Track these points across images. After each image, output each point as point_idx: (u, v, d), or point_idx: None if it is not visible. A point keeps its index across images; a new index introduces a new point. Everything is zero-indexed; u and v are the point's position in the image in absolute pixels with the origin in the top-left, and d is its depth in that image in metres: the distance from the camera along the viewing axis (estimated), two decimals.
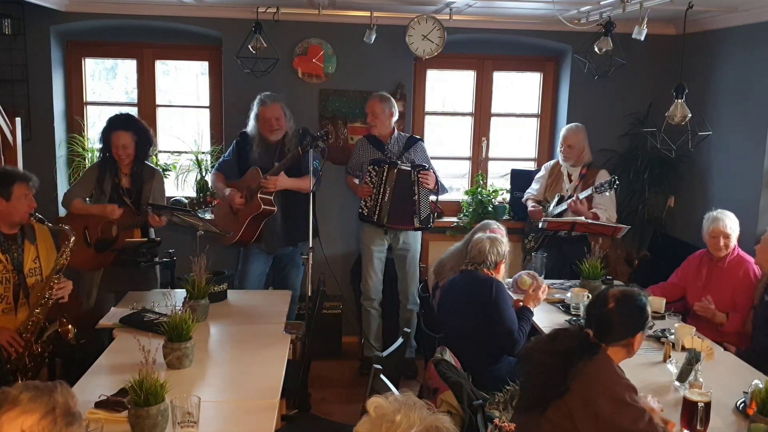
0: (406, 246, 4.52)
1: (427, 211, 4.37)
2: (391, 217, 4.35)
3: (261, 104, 4.22)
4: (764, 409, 2.27)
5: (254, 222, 4.13)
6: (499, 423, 2.59)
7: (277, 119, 4.20)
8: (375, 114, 4.41)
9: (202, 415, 2.20)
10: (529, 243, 4.66)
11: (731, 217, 3.72)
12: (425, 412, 1.43)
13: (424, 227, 4.42)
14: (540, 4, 4.26)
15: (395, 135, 4.50)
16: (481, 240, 3.41)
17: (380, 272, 4.61)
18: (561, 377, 2.16)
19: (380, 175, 4.34)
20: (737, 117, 4.36)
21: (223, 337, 3.17)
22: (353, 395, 4.23)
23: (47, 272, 3.28)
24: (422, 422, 1.40)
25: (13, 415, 1.43)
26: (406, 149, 4.45)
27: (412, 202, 4.32)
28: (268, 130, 4.21)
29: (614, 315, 2.28)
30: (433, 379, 2.62)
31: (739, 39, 4.35)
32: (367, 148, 4.50)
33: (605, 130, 5.01)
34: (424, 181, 4.30)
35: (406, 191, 4.31)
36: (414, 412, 1.41)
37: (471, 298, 3.29)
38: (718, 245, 3.71)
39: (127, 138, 3.90)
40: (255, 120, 4.25)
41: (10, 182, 3.15)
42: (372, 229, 4.49)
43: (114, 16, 4.71)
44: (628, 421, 2.12)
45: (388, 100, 4.44)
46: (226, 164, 4.39)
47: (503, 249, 3.41)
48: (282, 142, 4.24)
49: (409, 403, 1.44)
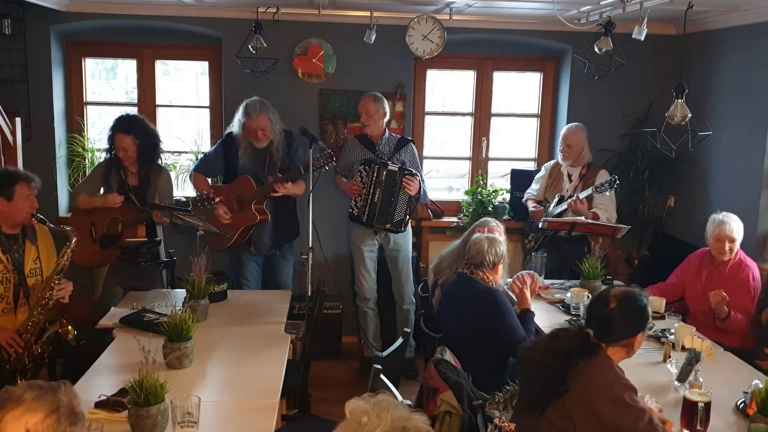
0: (397, 246, 4.52)
1: (401, 215, 4.36)
2: (379, 217, 4.36)
3: (246, 116, 4.14)
4: (764, 409, 2.27)
5: (246, 230, 4.16)
6: (499, 423, 2.59)
7: (263, 130, 4.16)
8: (369, 113, 4.41)
9: (202, 415, 2.20)
10: (529, 243, 4.66)
11: (736, 220, 3.65)
12: (400, 412, 1.40)
13: (394, 230, 4.39)
14: (540, 4, 4.26)
15: (386, 136, 4.51)
16: (480, 240, 3.37)
17: (373, 272, 4.60)
18: (560, 377, 2.16)
19: (371, 176, 4.34)
20: (737, 117, 4.36)
21: (223, 337, 3.17)
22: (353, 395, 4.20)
23: (48, 273, 3.28)
24: (392, 422, 1.37)
25: (17, 414, 1.44)
26: (397, 150, 4.45)
27: (390, 203, 4.32)
28: (255, 140, 4.20)
29: (615, 315, 2.27)
30: (433, 379, 2.62)
31: (739, 39, 4.35)
32: (358, 148, 4.51)
33: (605, 130, 5.01)
34: (407, 187, 4.29)
35: (390, 191, 4.32)
36: (387, 412, 1.39)
37: (472, 310, 3.21)
38: (723, 249, 3.63)
39: (127, 141, 3.91)
40: (240, 128, 4.21)
41: (13, 182, 3.16)
42: (361, 229, 4.49)
43: (114, 16, 4.71)
44: (628, 421, 2.12)
45: (381, 100, 4.45)
46: (209, 163, 4.37)
47: (501, 249, 3.37)
48: (269, 149, 4.23)
49: (383, 404, 1.41)
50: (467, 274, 3.33)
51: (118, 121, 3.98)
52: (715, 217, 3.70)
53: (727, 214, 3.68)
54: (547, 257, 4.23)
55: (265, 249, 4.32)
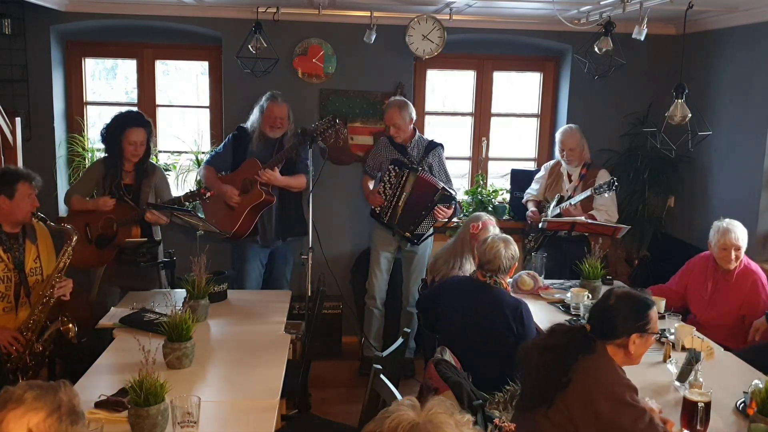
0: (416, 249, 4.49)
1: (425, 230, 4.36)
2: (401, 222, 4.35)
3: (272, 99, 4.26)
4: (764, 409, 2.27)
5: (253, 212, 4.14)
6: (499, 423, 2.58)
7: (282, 119, 4.25)
8: (398, 126, 4.37)
9: (202, 415, 2.20)
10: (529, 243, 4.66)
11: (740, 227, 3.58)
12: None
13: (413, 240, 4.38)
14: (540, 4, 4.26)
15: (416, 138, 4.48)
16: (495, 243, 3.18)
17: (386, 272, 4.60)
18: (561, 369, 2.16)
19: (399, 178, 4.32)
20: (737, 117, 4.36)
21: (223, 337, 3.17)
22: (353, 395, 4.23)
23: (48, 272, 3.28)
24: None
25: (19, 413, 1.44)
26: (426, 154, 4.43)
27: (419, 215, 4.30)
28: (269, 126, 4.24)
29: (611, 310, 2.29)
30: (433, 379, 2.62)
31: (739, 39, 4.35)
32: (388, 148, 4.49)
33: (605, 130, 5.01)
34: (438, 213, 4.26)
35: (420, 202, 4.27)
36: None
37: (496, 323, 3.10)
38: (729, 258, 3.55)
39: (142, 135, 3.92)
40: (260, 113, 4.27)
41: (15, 181, 3.16)
42: (384, 232, 4.48)
43: (114, 16, 4.71)
44: (629, 421, 2.12)
45: (407, 106, 4.40)
46: (219, 157, 4.40)
47: (516, 250, 3.24)
48: (281, 141, 4.27)
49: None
50: (490, 283, 3.19)
51: (128, 116, 3.97)
52: (719, 224, 3.62)
53: (730, 222, 3.61)
54: (547, 257, 4.23)
55: (270, 238, 4.31)
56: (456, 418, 1.36)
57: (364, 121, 4.91)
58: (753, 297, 3.56)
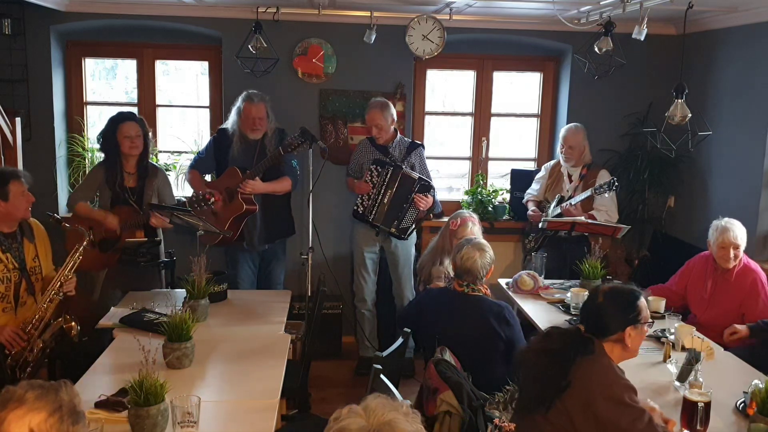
0: (399, 250, 4.50)
1: (408, 223, 4.36)
2: (386, 219, 4.35)
3: (247, 100, 4.19)
4: (764, 409, 2.27)
5: (236, 222, 4.12)
6: (499, 423, 2.59)
7: (260, 119, 4.19)
8: (380, 127, 4.38)
9: (202, 415, 2.20)
10: (529, 243, 4.66)
11: (739, 225, 3.57)
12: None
13: (398, 236, 4.38)
14: (540, 4, 4.26)
15: (397, 138, 4.49)
16: (469, 252, 3.13)
17: (373, 273, 4.60)
18: (560, 373, 2.16)
19: (382, 176, 4.33)
20: (737, 117, 4.36)
21: (223, 337, 3.17)
22: (353, 395, 4.19)
23: (46, 271, 3.28)
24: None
25: (20, 413, 1.44)
26: (408, 154, 4.44)
27: (401, 209, 4.31)
28: (249, 128, 4.20)
29: (601, 308, 2.29)
30: (433, 379, 2.62)
31: (739, 39, 4.35)
32: (369, 150, 4.50)
33: (605, 130, 5.01)
34: (419, 202, 4.27)
35: (402, 197, 4.30)
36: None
37: (484, 333, 3.07)
38: (728, 256, 3.54)
39: (136, 128, 3.90)
40: (237, 115, 4.23)
41: (5, 182, 3.16)
42: (365, 230, 4.48)
43: (114, 16, 4.71)
44: (627, 421, 2.12)
45: (387, 107, 4.41)
46: (202, 161, 4.38)
47: (491, 255, 3.20)
48: (262, 142, 4.23)
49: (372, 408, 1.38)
50: (468, 292, 3.14)
51: (119, 114, 3.97)
52: (718, 223, 3.62)
53: (729, 220, 3.60)
54: (547, 257, 4.22)
55: (257, 243, 4.29)
56: (403, 411, 1.37)
57: (363, 121, 4.90)
58: (753, 296, 3.56)
